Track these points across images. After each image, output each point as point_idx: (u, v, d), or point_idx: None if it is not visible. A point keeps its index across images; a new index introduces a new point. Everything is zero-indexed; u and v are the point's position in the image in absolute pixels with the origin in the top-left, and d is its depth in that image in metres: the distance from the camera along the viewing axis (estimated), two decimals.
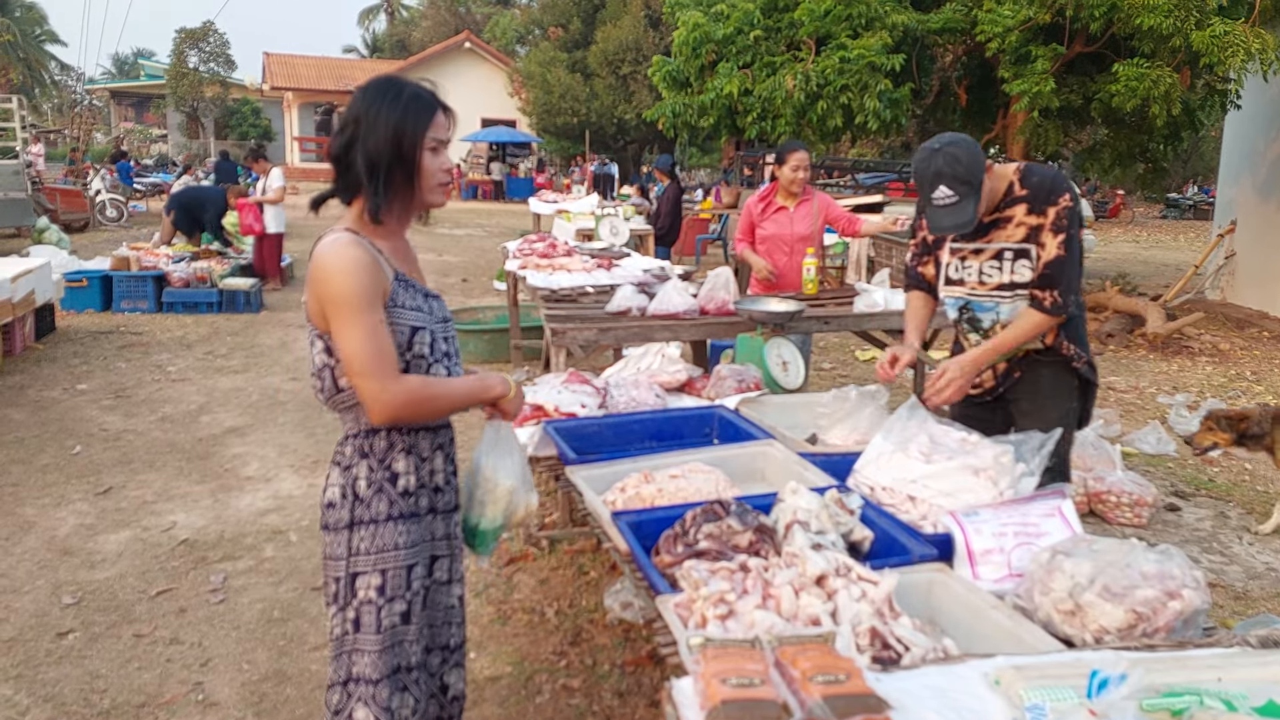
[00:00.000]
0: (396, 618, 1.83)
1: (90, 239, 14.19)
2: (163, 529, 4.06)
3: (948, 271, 2.72)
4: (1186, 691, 1.25)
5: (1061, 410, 2.67)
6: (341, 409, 1.83)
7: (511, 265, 5.74)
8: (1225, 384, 7.04)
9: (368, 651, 1.81)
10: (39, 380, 6.40)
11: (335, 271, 1.70)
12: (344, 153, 1.77)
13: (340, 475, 1.83)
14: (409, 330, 1.80)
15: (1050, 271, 2.53)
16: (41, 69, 40.45)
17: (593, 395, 3.17)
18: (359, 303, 1.69)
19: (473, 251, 14.70)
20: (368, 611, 1.81)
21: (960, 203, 2.41)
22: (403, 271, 1.84)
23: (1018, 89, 8.34)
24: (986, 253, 2.60)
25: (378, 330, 1.71)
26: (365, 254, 1.72)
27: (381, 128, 1.75)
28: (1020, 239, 2.55)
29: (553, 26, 26.86)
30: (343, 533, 1.81)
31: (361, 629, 1.81)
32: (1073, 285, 2.54)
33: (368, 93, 1.80)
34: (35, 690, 2.85)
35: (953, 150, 2.41)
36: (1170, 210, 29.14)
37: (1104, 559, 1.71)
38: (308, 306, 1.79)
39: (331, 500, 1.83)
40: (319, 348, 1.79)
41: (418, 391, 1.75)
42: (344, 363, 1.74)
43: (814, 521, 1.94)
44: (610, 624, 3.25)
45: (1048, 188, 2.51)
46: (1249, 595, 3.63)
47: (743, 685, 1.27)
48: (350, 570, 1.81)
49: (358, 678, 1.82)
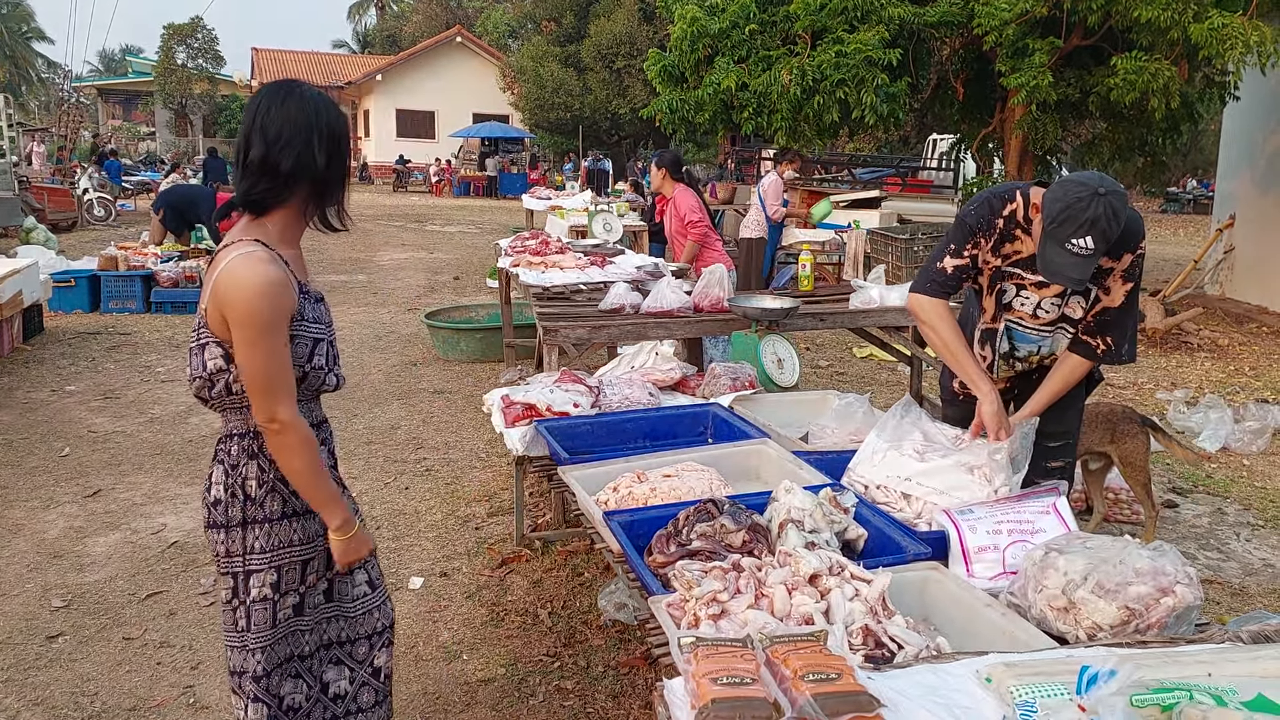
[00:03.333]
0: (289, 610, 1.89)
1: (78, 238, 14.12)
2: (152, 531, 4.03)
3: (1001, 297, 2.56)
4: (1176, 687, 1.25)
5: (1076, 409, 2.66)
6: (229, 409, 1.83)
7: (504, 262, 5.72)
8: (1224, 380, 7.04)
9: (259, 649, 1.86)
10: (27, 381, 6.36)
11: (250, 292, 1.69)
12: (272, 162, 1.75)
13: (224, 474, 1.83)
14: (311, 343, 1.83)
15: (1109, 319, 2.42)
16: (28, 66, 40.30)
17: (585, 394, 3.15)
18: (268, 326, 1.70)
19: (465, 249, 14.66)
20: (260, 609, 1.85)
21: (1092, 258, 2.15)
22: (304, 282, 1.86)
23: (1015, 82, 8.32)
24: (1053, 289, 2.45)
25: (281, 352, 1.74)
26: (280, 274, 1.73)
27: (318, 136, 1.77)
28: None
29: (545, 20, 26.79)
30: (235, 531, 1.83)
31: (253, 627, 1.85)
32: (1128, 334, 2.42)
33: (287, 100, 1.77)
34: (25, 694, 2.83)
35: (1114, 203, 2.13)
36: (1169, 204, 29.19)
37: (1098, 556, 1.71)
38: (207, 314, 1.76)
39: (218, 498, 1.84)
40: (215, 354, 1.77)
41: (305, 443, 1.79)
42: (245, 380, 1.74)
43: (808, 520, 1.93)
44: (604, 625, 3.23)
45: (1129, 232, 2.30)
46: (1246, 591, 3.63)
47: (733, 684, 1.26)
48: (246, 568, 1.84)
49: (249, 672, 1.87)
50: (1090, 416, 3.84)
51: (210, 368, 1.77)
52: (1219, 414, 5.50)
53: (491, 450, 5.08)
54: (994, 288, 2.55)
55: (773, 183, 9.16)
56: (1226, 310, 9.60)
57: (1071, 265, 2.16)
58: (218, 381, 1.78)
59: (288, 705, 1.92)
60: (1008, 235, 2.45)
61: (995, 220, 2.44)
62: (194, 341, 1.80)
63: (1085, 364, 2.49)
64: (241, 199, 1.79)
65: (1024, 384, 2.70)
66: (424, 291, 10.42)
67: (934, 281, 2.55)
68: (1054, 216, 2.16)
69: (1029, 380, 2.68)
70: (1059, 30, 8.35)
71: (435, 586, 3.54)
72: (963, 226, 2.52)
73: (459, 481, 4.65)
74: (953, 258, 2.52)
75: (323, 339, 1.86)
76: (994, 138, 10.53)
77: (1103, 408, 3.94)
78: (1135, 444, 3.77)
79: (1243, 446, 5.30)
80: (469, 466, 4.87)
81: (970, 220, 2.50)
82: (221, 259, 1.74)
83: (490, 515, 4.22)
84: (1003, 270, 2.51)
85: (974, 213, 2.50)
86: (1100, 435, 3.79)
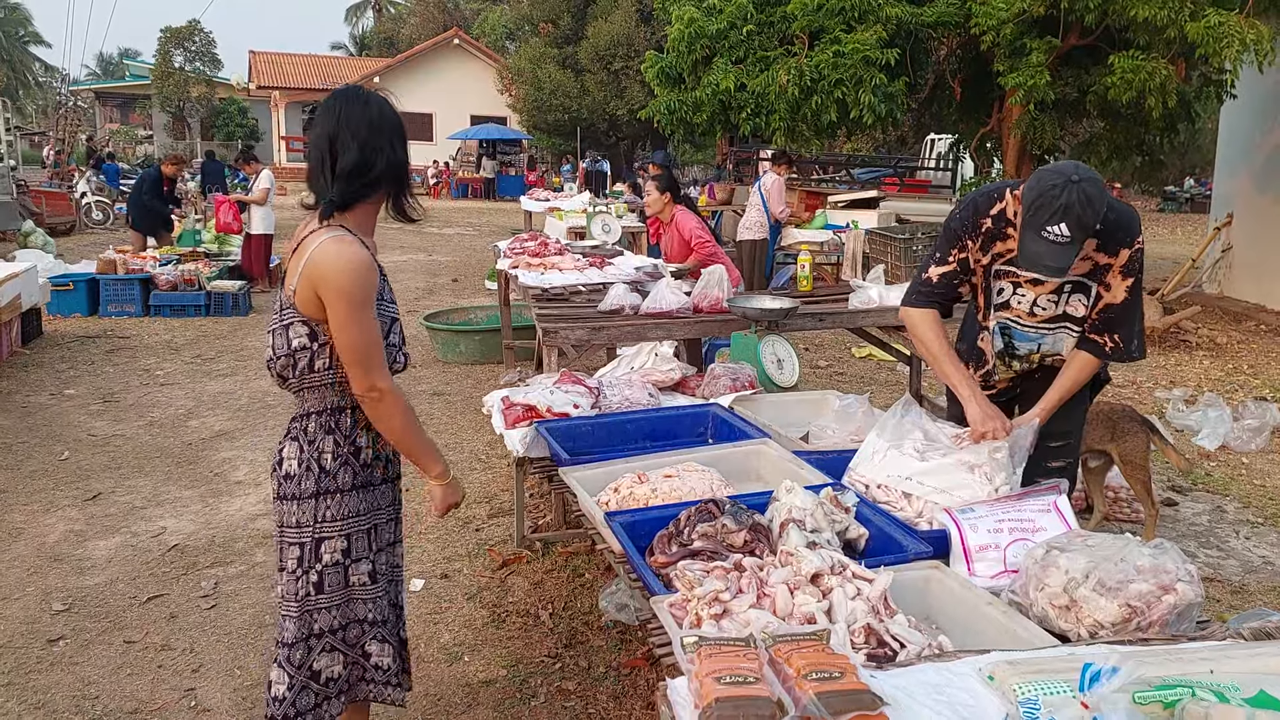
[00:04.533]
0: (365, 577, 2.06)
1: (76, 242, 14.11)
2: (152, 534, 4.03)
3: (997, 296, 2.54)
4: (1179, 684, 1.25)
5: (1082, 409, 2.65)
6: (308, 388, 1.97)
7: (503, 264, 5.72)
8: (1223, 378, 7.05)
9: (330, 608, 2.02)
10: (26, 385, 6.35)
11: (347, 270, 1.84)
12: (367, 164, 1.90)
13: (299, 449, 1.98)
14: (389, 321, 2.01)
15: (1114, 315, 2.39)
16: (25, 70, 40.31)
17: (585, 395, 3.15)
18: (363, 301, 1.87)
19: (463, 251, 14.66)
20: (332, 573, 2.01)
21: (1069, 246, 2.14)
22: (381, 267, 2.01)
23: (1013, 82, 8.33)
24: (1048, 285, 2.42)
25: (373, 326, 1.90)
26: (367, 254, 1.89)
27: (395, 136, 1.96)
28: (1083, 273, 2.38)
29: (543, 22, 26.77)
30: (308, 502, 1.97)
31: (325, 590, 2.01)
32: (1135, 330, 2.40)
33: (367, 105, 1.95)
34: (26, 698, 2.83)
35: (1088, 189, 2.13)
36: (1167, 203, 29.20)
37: (1099, 554, 1.71)
38: (296, 295, 1.89)
39: (290, 472, 1.98)
40: (300, 332, 1.91)
41: (402, 405, 1.97)
42: (343, 353, 1.89)
43: (809, 520, 1.93)
44: (605, 626, 3.23)
45: (1124, 226, 2.31)
46: (1246, 589, 3.63)
47: (737, 683, 1.26)
48: (316, 536, 1.99)
49: (320, 632, 2.03)
50: (1091, 415, 3.84)
51: (294, 345, 1.91)
52: (1217, 412, 5.51)
53: (491, 452, 5.08)
54: (988, 287, 2.55)
55: (775, 182, 9.16)
56: (1225, 309, 9.61)
57: (1049, 253, 2.15)
58: (300, 360, 1.92)
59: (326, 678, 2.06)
60: (998, 234, 2.45)
61: (981, 220, 2.45)
62: (276, 324, 1.94)
63: (1094, 362, 2.47)
64: (340, 202, 1.90)
65: (1027, 384, 2.69)
66: (423, 294, 10.42)
67: (920, 292, 2.59)
68: (1029, 205, 2.17)
69: (1032, 380, 2.67)
70: (1056, 29, 8.37)
71: (436, 588, 3.54)
72: (948, 232, 2.54)
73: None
74: (938, 265, 2.54)
75: (397, 319, 2.05)
76: (992, 137, 10.54)
77: (1103, 406, 3.94)
78: (1135, 442, 3.77)
79: (1241, 445, 5.31)
80: (469, 468, 4.87)
81: (954, 225, 2.51)
82: (310, 243, 1.88)
83: (491, 517, 4.22)
84: (996, 269, 2.51)
85: (958, 216, 2.52)
86: (1100, 434, 3.79)
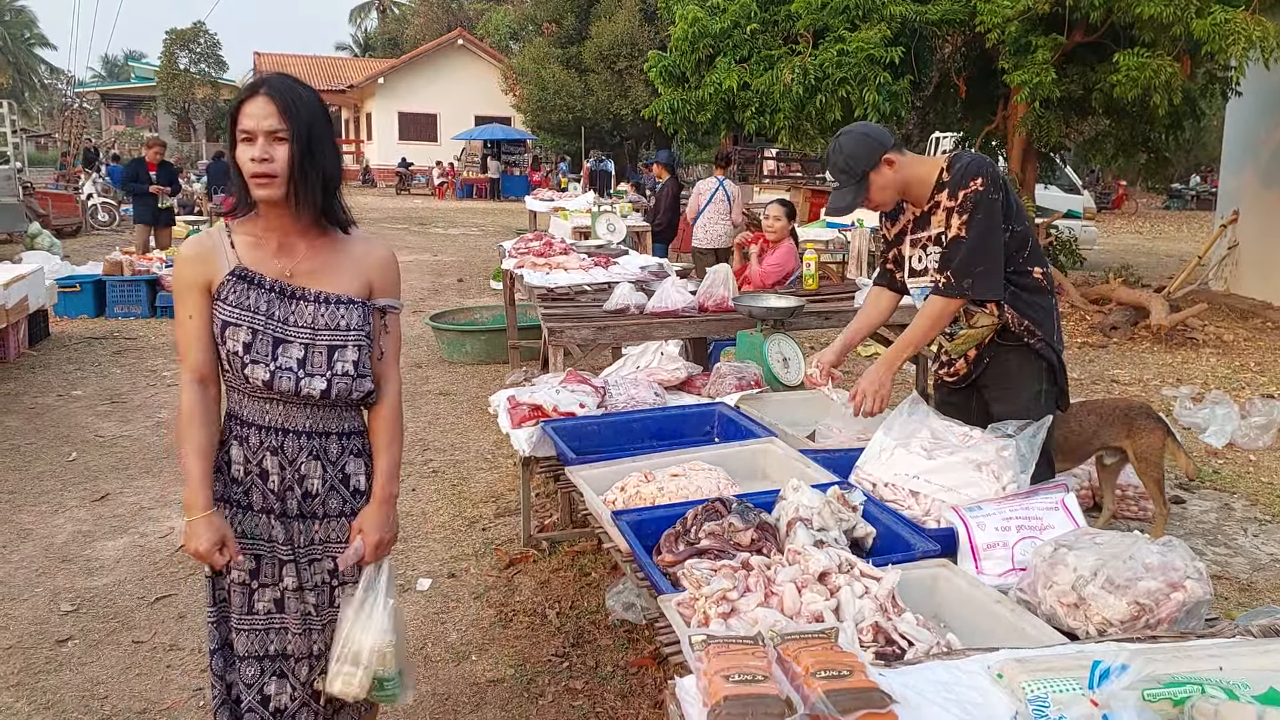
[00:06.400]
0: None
1: (82, 243, 14.16)
2: (160, 535, 4.04)
3: (911, 263, 2.75)
4: (1188, 681, 1.25)
5: (1031, 392, 2.67)
6: (355, 407, 1.95)
7: (508, 264, 5.72)
8: (1229, 375, 7.03)
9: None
10: (33, 387, 6.37)
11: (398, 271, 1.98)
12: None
13: (363, 465, 1.95)
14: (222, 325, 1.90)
15: (948, 252, 2.56)
16: (31, 72, 40.45)
17: (591, 394, 3.15)
18: (174, 291, 1.90)
19: (468, 251, 14.67)
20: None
21: (841, 189, 2.60)
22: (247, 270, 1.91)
23: (1018, 80, 8.31)
24: (932, 238, 2.65)
25: (181, 318, 1.88)
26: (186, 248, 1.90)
27: None
28: (943, 225, 2.59)
29: (547, 22, 26.79)
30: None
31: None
32: (972, 269, 2.51)
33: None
34: (35, 698, 2.84)
35: (841, 140, 2.60)
36: (1173, 201, 29.12)
37: (1107, 551, 1.70)
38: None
39: (359, 488, 1.95)
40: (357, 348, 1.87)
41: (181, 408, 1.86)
42: (393, 351, 1.94)
43: (816, 518, 1.93)
44: (612, 625, 3.23)
45: (962, 172, 2.53)
46: (1254, 587, 3.62)
47: (745, 681, 1.26)
48: None
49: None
50: (1108, 411, 3.86)
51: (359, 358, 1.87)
52: (1225, 410, 5.49)
53: (498, 451, 5.09)
54: (904, 258, 2.79)
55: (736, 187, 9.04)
56: (1231, 306, 9.57)
57: (833, 196, 2.63)
58: (365, 371, 1.87)
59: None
60: (900, 208, 2.76)
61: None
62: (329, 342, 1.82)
63: (936, 301, 2.60)
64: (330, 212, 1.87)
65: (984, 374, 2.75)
66: (428, 294, 10.43)
67: (878, 272, 3.00)
68: None
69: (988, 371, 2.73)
70: (1061, 27, 8.34)
71: (443, 588, 3.55)
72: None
73: (466, 483, 4.66)
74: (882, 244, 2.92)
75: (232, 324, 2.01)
76: (997, 135, 10.51)
77: (1120, 403, 3.94)
78: (1151, 439, 3.77)
79: (1249, 442, 5.29)
80: (475, 468, 4.88)
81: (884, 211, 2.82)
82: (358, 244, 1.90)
83: (497, 516, 4.23)
84: (903, 238, 2.77)
85: None
86: (1117, 430, 3.79)
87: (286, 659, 1.92)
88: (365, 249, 1.91)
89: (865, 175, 2.57)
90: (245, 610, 1.88)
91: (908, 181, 2.63)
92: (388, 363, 1.94)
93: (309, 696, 1.94)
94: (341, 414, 1.90)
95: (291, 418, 1.84)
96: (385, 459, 1.94)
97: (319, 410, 1.86)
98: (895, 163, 2.58)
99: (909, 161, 2.63)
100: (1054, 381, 2.71)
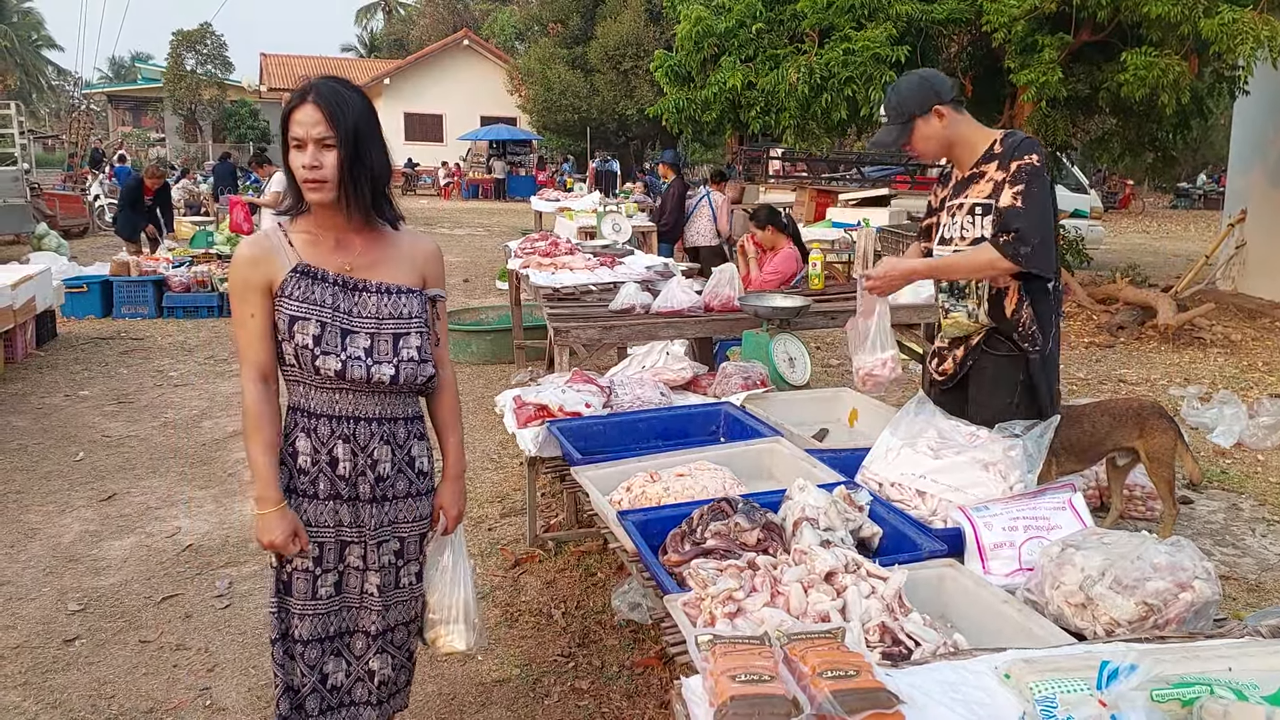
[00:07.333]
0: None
1: (89, 244, 14.22)
2: (167, 535, 4.05)
3: (942, 231, 2.75)
4: (1197, 681, 1.24)
5: (1002, 403, 2.63)
6: (417, 392, 2.02)
7: (514, 264, 5.73)
8: (1237, 375, 7.00)
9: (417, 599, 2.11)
10: (41, 387, 6.40)
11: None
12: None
13: (427, 449, 2.06)
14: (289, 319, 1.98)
15: (1005, 219, 2.52)
16: (38, 74, 40.62)
17: (597, 394, 3.15)
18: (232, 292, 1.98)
19: (474, 251, 14.69)
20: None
21: (888, 126, 2.66)
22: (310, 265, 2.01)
23: (1025, 79, 8.28)
24: (965, 208, 2.64)
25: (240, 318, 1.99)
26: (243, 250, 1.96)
27: None
28: (988, 194, 2.58)
29: (552, 22, 26.82)
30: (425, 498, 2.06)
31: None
32: (1028, 238, 2.48)
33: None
34: (43, 697, 2.85)
35: (901, 80, 2.69)
36: (1180, 200, 29.01)
37: (1115, 551, 1.70)
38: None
39: (424, 469, 2.04)
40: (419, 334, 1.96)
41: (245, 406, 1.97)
42: (445, 339, 2.01)
43: (822, 518, 1.92)
44: (618, 625, 3.23)
45: (1017, 146, 2.55)
46: (1262, 587, 3.60)
47: (752, 681, 1.25)
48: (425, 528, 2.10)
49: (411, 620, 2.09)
50: (1120, 412, 3.85)
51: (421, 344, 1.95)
52: (1232, 410, 5.47)
53: (503, 451, 5.09)
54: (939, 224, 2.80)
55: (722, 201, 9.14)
56: (1239, 305, 9.53)
57: (880, 132, 2.70)
58: (428, 356, 1.94)
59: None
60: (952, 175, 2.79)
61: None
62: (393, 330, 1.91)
63: (987, 249, 2.54)
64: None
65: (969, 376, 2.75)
66: None
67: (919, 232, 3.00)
68: None
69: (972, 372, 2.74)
70: (1068, 26, 8.31)
71: None
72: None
73: (471, 483, 4.66)
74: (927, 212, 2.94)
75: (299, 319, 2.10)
76: None
77: (1132, 403, 3.93)
78: (1163, 439, 3.76)
79: (1256, 442, 5.27)
80: (481, 468, 4.88)
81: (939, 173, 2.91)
82: (406, 238, 2.00)
83: (503, 516, 4.23)
84: (946, 203, 2.76)
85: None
86: (1129, 430, 3.78)
87: (344, 636, 2.02)
88: (414, 242, 2.02)
89: (912, 119, 2.59)
90: (309, 596, 1.96)
91: (954, 140, 2.63)
92: (443, 348, 2.05)
93: (364, 673, 2.03)
94: (405, 400, 1.98)
95: (361, 406, 1.92)
96: (454, 437, 2.10)
97: (386, 397, 1.94)
98: (946, 117, 2.59)
99: (961, 120, 2.63)
100: (1031, 396, 2.67)
